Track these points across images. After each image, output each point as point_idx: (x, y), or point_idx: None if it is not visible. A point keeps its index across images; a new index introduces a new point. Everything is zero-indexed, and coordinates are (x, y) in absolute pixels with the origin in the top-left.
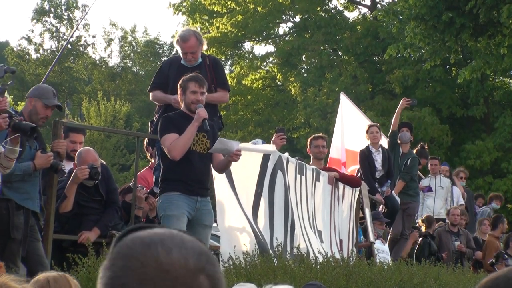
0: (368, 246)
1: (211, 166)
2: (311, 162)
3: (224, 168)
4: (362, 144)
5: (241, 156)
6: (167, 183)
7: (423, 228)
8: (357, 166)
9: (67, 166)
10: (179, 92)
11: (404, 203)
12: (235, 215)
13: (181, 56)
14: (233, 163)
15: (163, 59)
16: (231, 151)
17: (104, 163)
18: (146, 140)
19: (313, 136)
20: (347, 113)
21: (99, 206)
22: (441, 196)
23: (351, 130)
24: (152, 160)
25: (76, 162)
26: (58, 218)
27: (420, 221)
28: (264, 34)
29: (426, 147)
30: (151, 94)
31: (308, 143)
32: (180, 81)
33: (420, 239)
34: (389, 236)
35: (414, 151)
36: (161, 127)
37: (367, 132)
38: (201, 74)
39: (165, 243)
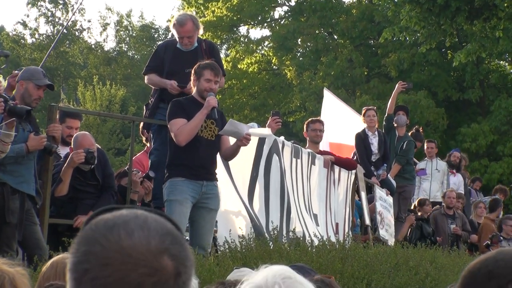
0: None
1: (218, 153)
2: (307, 145)
3: (231, 155)
4: (346, 136)
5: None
6: (172, 169)
7: (418, 211)
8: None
9: (62, 151)
10: (192, 78)
11: (400, 186)
12: (231, 199)
13: (177, 40)
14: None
15: (158, 43)
16: (241, 134)
17: (100, 148)
18: (141, 124)
19: (310, 119)
20: (330, 108)
21: (95, 190)
22: (437, 179)
23: (335, 123)
24: (148, 144)
25: (72, 146)
26: (53, 202)
27: (415, 203)
28: (259, 18)
29: (421, 130)
30: (146, 77)
31: (305, 126)
32: (195, 67)
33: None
34: None
35: (410, 134)
36: (170, 111)
37: (363, 115)
38: (197, 59)
39: (128, 225)
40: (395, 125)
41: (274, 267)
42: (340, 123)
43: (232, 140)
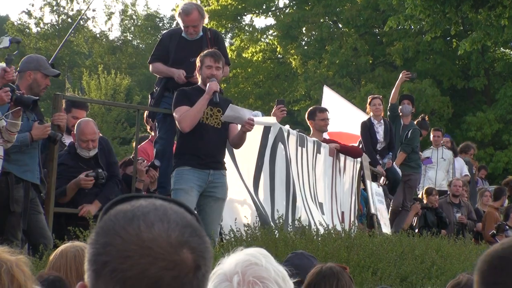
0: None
1: (227, 141)
2: (311, 134)
3: (239, 142)
4: (346, 125)
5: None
6: (179, 158)
7: (425, 200)
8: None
9: (67, 139)
10: (196, 69)
11: (406, 175)
12: (236, 187)
13: (182, 29)
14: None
15: (163, 32)
16: (244, 119)
17: (105, 137)
18: (146, 112)
19: (317, 107)
20: (330, 102)
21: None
22: (443, 168)
23: (334, 114)
24: (152, 133)
25: (74, 132)
26: None
27: (421, 193)
28: (264, 7)
29: (427, 119)
30: (151, 66)
31: (308, 114)
32: (198, 57)
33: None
34: (390, 208)
35: (416, 123)
36: (175, 100)
37: (369, 104)
38: (202, 48)
39: (148, 217)
40: (400, 114)
41: (246, 250)
42: (340, 114)
43: (240, 127)
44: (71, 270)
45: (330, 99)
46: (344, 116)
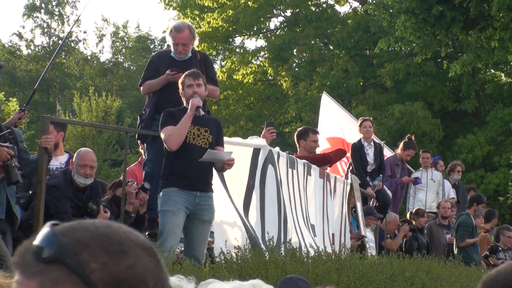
0: (358, 237)
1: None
2: (299, 153)
3: (223, 169)
4: (342, 132)
5: (232, 150)
6: (166, 179)
7: (414, 222)
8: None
9: (54, 162)
10: (180, 92)
11: None
12: (226, 209)
13: (172, 48)
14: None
15: (152, 54)
16: (222, 160)
17: (99, 180)
18: (136, 134)
19: (309, 128)
20: (327, 109)
21: (77, 212)
22: (432, 189)
23: (331, 121)
24: (143, 155)
25: (73, 160)
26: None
27: (409, 214)
28: (255, 29)
29: (413, 138)
30: (142, 87)
31: (298, 134)
32: (179, 80)
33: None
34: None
35: (402, 143)
36: (161, 121)
37: (360, 126)
38: (191, 68)
39: None
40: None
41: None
42: (337, 121)
43: (226, 147)
44: None
45: (329, 106)
46: (340, 124)
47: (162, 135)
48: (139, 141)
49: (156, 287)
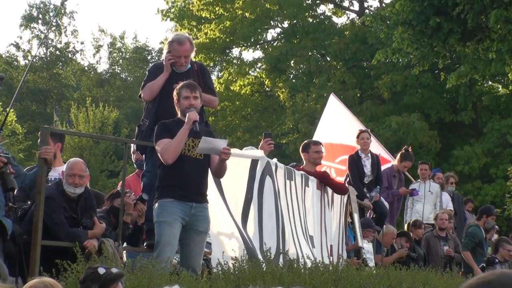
0: (355, 248)
1: (209, 172)
2: (304, 166)
3: (220, 172)
4: (345, 137)
5: (229, 162)
6: (161, 190)
7: (411, 233)
8: (345, 157)
9: (53, 173)
10: (175, 102)
11: None
12: (224, 220)
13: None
14: None
15: (150, 65)
16: (219, 149)
17: (92, 189)
18: (133, 145)
19: (312, 140)
20: (331, 111)
21: (71, 224)
22: (430, 201)
23: (332, 124)
24: (134, 164)
25: (64, 170)
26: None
27: (406, 226)
28: (252, 40)
29: (410, 150)
30: (142, 93)
31: (302, 147)
32: (175, 90)
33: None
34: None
35: (399, 155)
36: (156, 133)
37: (357, 137)
38: (189, 79)
39: None
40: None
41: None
42: (342, 124)
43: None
44: None
45: (335, 107)
46: (345, 127)
47: (158, 148)
48: (137, 151)
49: None
